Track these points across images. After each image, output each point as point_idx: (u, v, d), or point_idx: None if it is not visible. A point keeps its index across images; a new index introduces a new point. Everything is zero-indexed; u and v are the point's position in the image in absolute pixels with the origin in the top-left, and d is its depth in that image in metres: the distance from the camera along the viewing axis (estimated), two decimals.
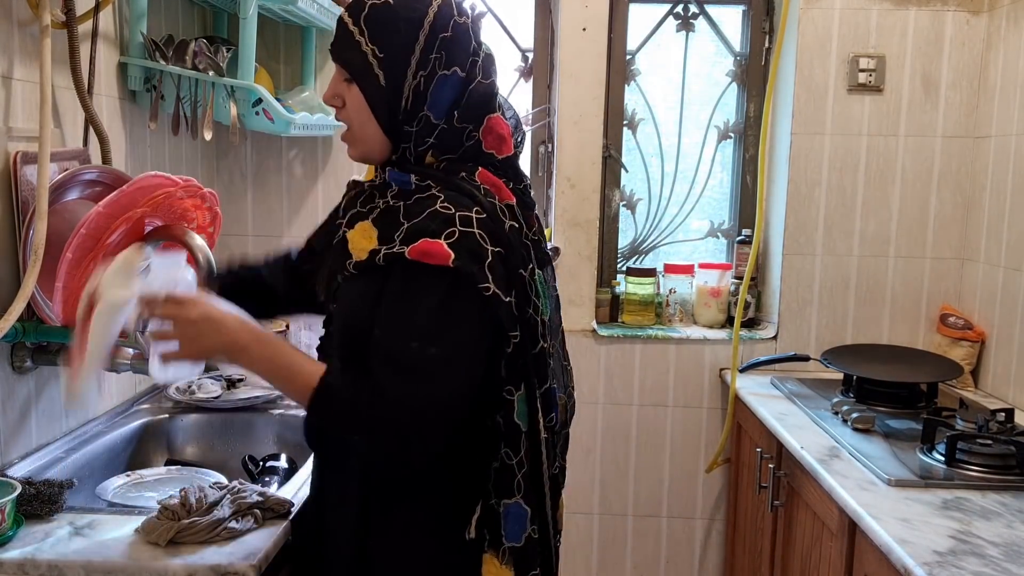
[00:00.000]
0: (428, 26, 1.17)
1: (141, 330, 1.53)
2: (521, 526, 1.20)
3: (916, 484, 1.62)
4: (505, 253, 1.14)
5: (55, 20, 1.50)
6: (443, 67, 1.18)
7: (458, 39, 1.19)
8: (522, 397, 1.18)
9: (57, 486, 1.37)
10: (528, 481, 1.20)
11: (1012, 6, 2.26)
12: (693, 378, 2.54)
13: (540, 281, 1.22)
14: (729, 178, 2.71)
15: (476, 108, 1.21)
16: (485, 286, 1.11)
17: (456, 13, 1.19)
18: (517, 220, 1.20)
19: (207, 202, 1.65)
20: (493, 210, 1.16)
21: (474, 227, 1.13)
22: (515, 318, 1.16)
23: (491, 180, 1.21)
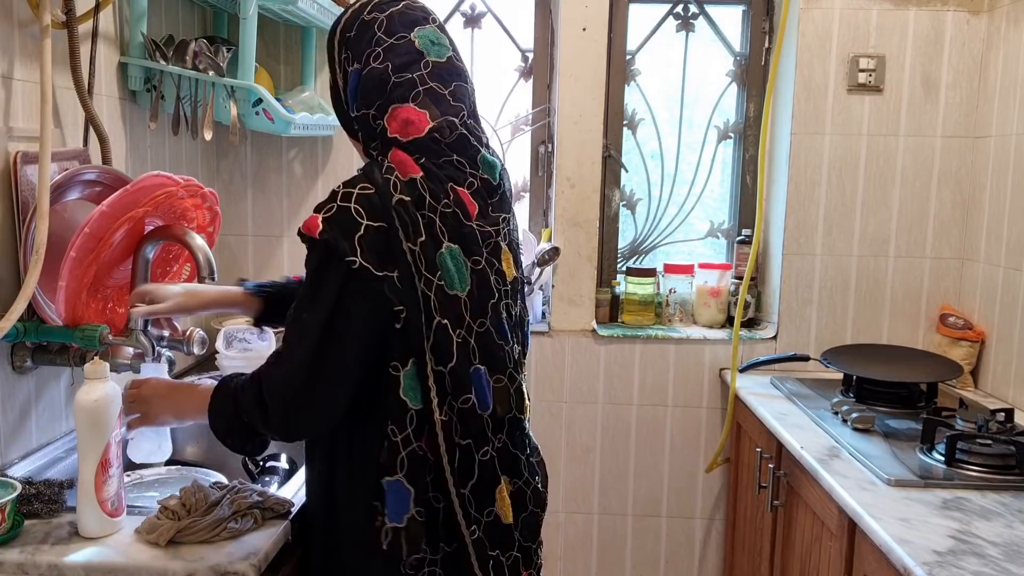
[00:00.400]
0: (339, 32, 1.30)
1: (143, 329, 1.53)
2: (403, 507, 1.20)
3: (916, 484, 1.62)
4: (386, 227, 1.16)
5: (55, 20, 1.50)
6: (350, 64, 1.28)
7: (360, 36, 1.27)
8: (410, 374, 1.19)
9: (57, 486, 1.37)
10: (413, 460, 1.19)
11: (1012, 6, 2.26)
12: (693, 378, 2.54)
13: (448, 255, 1.20)
14: (729, 178, 2.71)
15: (370, 94, 1.26)
16: (351, 259, 1.14)
17: (365, 12, 1.28)
18: (415, 193, 1.19)
19: (207, 202, 1.65)
20: (384, 184, 1.18)
21: (352, 202, 1.16)
22: (398, 291, 1.16)
23: (398, 158, 1.23)
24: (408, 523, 1.20)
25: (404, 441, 1.20)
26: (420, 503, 1.21)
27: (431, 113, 1.24)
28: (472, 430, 1.22)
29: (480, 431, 1.23)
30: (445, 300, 1.19)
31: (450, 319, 1.19)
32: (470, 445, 1.22)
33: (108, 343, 1.50)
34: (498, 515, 1.25)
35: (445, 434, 1.20)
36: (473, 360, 1.22)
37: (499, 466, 1.26)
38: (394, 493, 1.20)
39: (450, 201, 1.23)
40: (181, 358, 2.05)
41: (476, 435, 1.23)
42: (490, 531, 1.25)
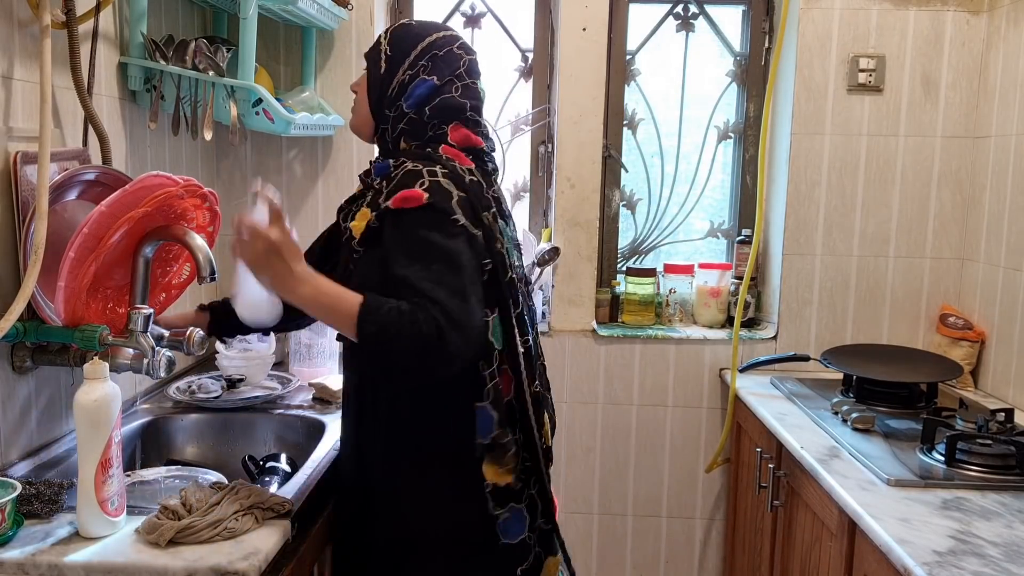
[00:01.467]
0: (428, 43, 1.49)
1: (143, 329, 1.53)
2: (488, 427, 1.40)
3: (916, 484, 1.62)
4: (468, 197, 1.37)
5: (55, 20, 1.50)
6: (426, 72, 1.47)
7: (447, 60, 1.49)
8: (496, 319, 1.40)
9: (57, 486, 1.37)
10: (496, 391, 1.40)
11: (1012, 6, 2.26)
12: (693, 378, 2.54)
13: (503, 227, 1.46)
14: (729, 178, 2.71)
15: (441, 112, 1.47)
16: (456, 217, 1.33)
17: (457, 46, 1.50)
18: (477, 177, 1.43)
19: (207, 202, 1.65)
20: (453, 169, 1.40)
21: (439, 177, 1.36)
22: (485, 248, 1.37)
23: (451, 152, 1.45)
24: (492, 441, 1.40)
25: (489, 375, 1.40)
26: (500, 425, 1.40)
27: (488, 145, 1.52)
28: (529, 367, 1.46)
29: (532, 368, 1.47)
30: (509, 261, 1.43)
31: (515, 275, 1.44)
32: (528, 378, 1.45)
33: (108, 343, 1.50)
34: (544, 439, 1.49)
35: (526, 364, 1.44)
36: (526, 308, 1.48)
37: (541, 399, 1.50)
38: (482, 417, 1.39)
39: (497, 189, 1.52)
40: (181, 358, 2.06)
41: (529, 371, 1.46)
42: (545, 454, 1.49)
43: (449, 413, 1.41)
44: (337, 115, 2.38)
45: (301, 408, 1.96)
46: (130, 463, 1.77)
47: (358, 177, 1.55)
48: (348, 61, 2.41)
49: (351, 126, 1.60)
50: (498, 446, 1.40)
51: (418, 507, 1.44)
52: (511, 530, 1.43)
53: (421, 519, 1.44)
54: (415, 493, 1.44)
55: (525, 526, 1.45)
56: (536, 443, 1.44)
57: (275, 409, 1.95)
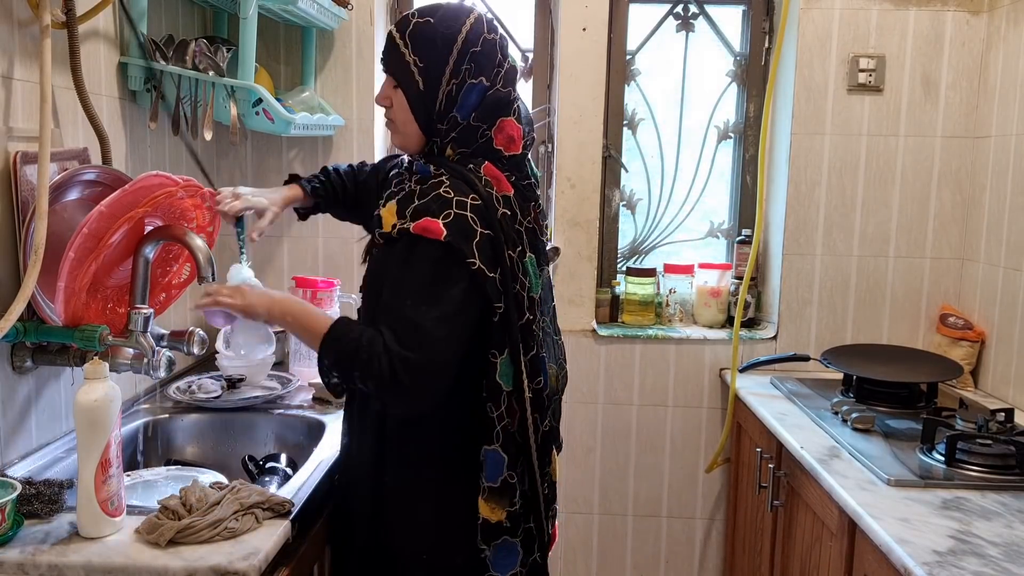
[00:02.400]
0: (461, 42, 1.38)
1: (143, 329, 1.53)
2: (498, 470, 1.38)
3: (916, 484, 1.62)
4: (493, 236, 1.33)
5: (55, 20, 1.50)
6: (472, 76, 1.38)
7: (487, 53, 1.39)
8: (505, 361, 1.37)
9: (57, 486, 1.37)
10: (506, 433, 1.38)
11: (1012, 6, 2.26)
12: (693, 378, 2.54)
13: (531, 263, 1.41)
14: (729, 178, 2.71)
15: (492, 110, 1.40)
16: (471, 260, 1.30)
17: (487, 31, 1.40)
18: (511, 209, 1.38)
19: (207, 202, 1.65)
20: (489, 198, 1.35)
21: (467, 211, 1.32)
22: (500, 291, 1.34)
23: (493, 173, 1.39)
24: (501, 484, 1.38)
25: (499, 417, 1.37)
26: (511, 468, 1.39)
27: (523, 130, 1.44)
28: (539, 406, 1.42)
29: (543, 407, 1.43)
30: (529, 300, 1.39)
31: (532, 316, 1.40)
32: (537, 418, 1.42)
33: (108, 343, 1.50)
34: (551, 475, 1.49)
35: (532, 409, 1.40)
36: (541, 349, 1.43)
37: (551, 435, 1.48)
38: (492, 460, 1.38)
39: (532, 218, 1.45)
40: (181, 358, 2.06)
41: (541, 411, 1.43)
42: (550, 490, 1.49)
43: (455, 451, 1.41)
44: (337, 115, 2.38)
45: (301, 408, 1.96)
46: (130, 463, 1.77)
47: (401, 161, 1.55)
48: (348, 61, 2.41)
49: (396, 144, 1.50)
50: (506, 487, 1.39)
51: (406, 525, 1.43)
52: (500, 564, 1.41)
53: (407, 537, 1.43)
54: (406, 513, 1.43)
55: (517, 560, 1.43)
56: (536, 481, 1.42)
57: (275, 409, 1.95)
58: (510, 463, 1.38)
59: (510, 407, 1.38)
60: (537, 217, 1.48)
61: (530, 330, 1.39)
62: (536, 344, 1.40)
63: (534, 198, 1.48)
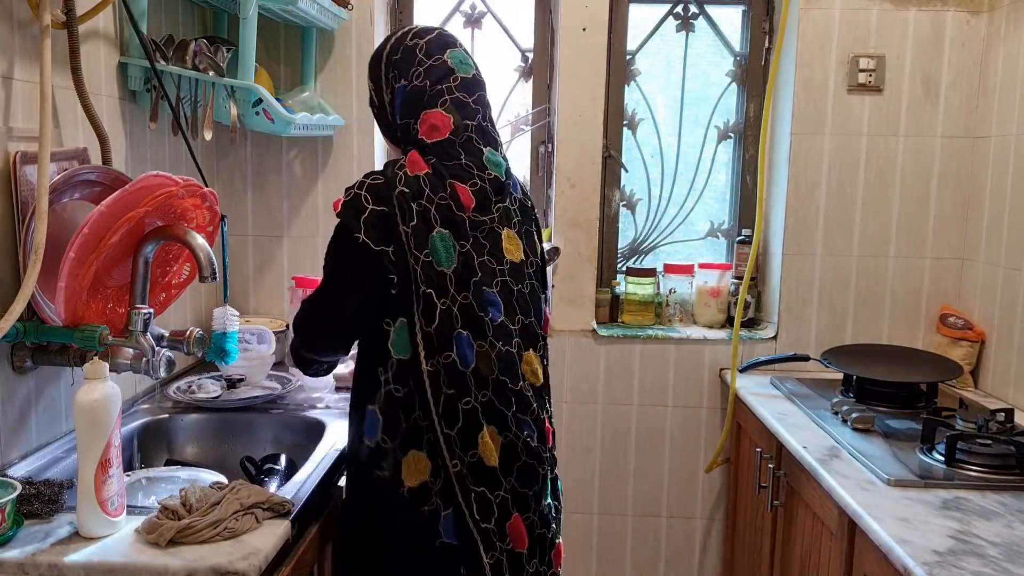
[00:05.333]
0: (385, 55, 1.56)
1: (143, 329, 1.53)
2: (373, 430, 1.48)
3: (916, 484, 1.62)
4: (387, 211, 1.42)
5: (55, 20, 1.50)
6: (396, 81, 1.54)
7: (405, 57, 1.54)
8: (397, 330, 1.44)
9: (57, 486, 1.37)
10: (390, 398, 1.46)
11: (1012, 6, 2.26)
12: (693, 378, 2.54)
13: (439, 238, 1.45)
14: (729, 178, 2.71)
15: (411, 105, 1.53)
16: (356, 235, 1.41)
17: (408, 39, 1.55)
18: (415, 188, 1.45)
19: (207, 202, 1.65)
20: (392, 179, 1.45)
21: (364, 190, 1.44)
22: (392, 263, 1.42)
23: (412, 157, 1.49)
24: (376, 444, 1.47)
25: (385, 381, 1.46)
26: (386, 431, 1.46)
27: (455, 119, 1.51)
28: (455, 382, 1.43)
29: (462, 384, 1.44)
30: (432, 274, 1.43)
31: (435, 289, 1.43)
32: (454, 394, 1.43)
33: (108, 343, 1.50)
34: (481, 457, 1.45)
35: (431, 382, 1.43)
36: (455, 325, 1.44)
37: (482, 416, 1.45)
38: (370, 418, 1.48)
39: (446, 195, 1.47)
40: (181, 358, 2.06)
41: (459, 387, 1.44)
42: (473, 470, 1.44)
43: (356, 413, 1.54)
44: (337, 115, 2.38)
45: (301, 408, 1.96)
46: (129, 463, 1.77)
47: None
48: (348, 61, 2.41)
49: None
50: (380, 450, 1.47)
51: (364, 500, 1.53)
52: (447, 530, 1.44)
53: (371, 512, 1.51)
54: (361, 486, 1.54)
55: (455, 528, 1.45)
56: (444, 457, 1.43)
57: (275, 409, 1.95)
58: (385, 426, 1.46)
59: (399, 375, 1.45)
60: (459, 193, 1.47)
61: (433, 303, 1.42)
62: (444, 318, 1.43)
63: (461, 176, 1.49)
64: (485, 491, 1.44)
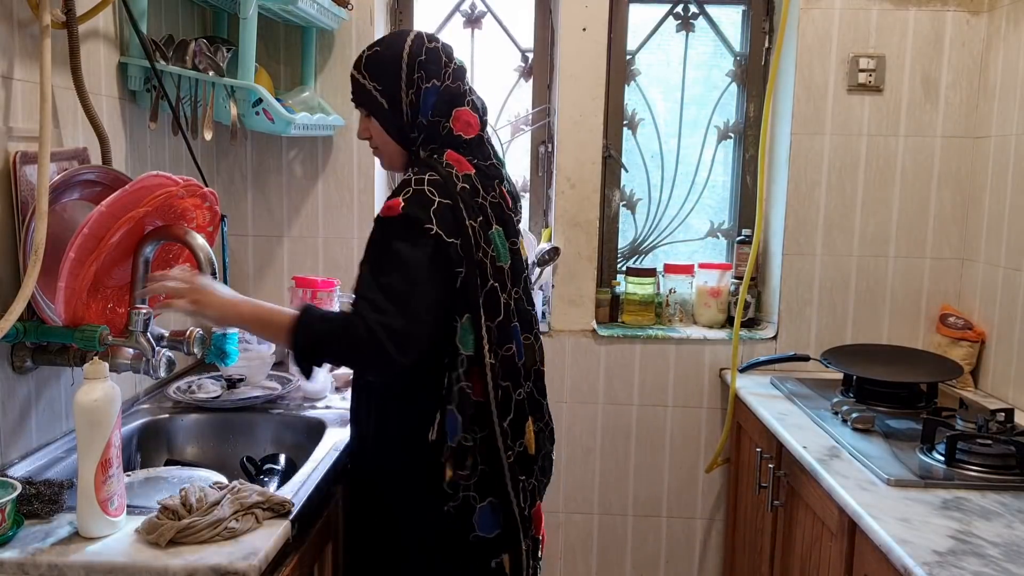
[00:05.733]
0: (407, 55, 1.53)
1: (143, 330, 1.53)
2: (455, 430, 1.44)
3: (916, 484, 1.62)
4: (453, 205, 1.43)
5: (55, 20, 1.50)
6: (425, 81, 1.53)
7: (432, 59, 1.54)
8: (466, 325, 1.44)
9: (57, 486, 1.37)
10: (462, 395, 1.44)
11: (1012, 6, 2.26)
12: (693, 378, 2.54)
13: (497, 235, 1.51)
14: (729, 178, 2.71)
15: (447, 104, 1.54)
16: (429, 227, 1.40)
17: (427, 41, 1.55)
18: (471, 185, 1.49)
19: (207, 201, 1.65)
20: (448, 175, 1.46)
21: (425, 186, 1.43)
22: (460, 256, 1.42)
23: (454, 157, 1.51)
24: (458, 444, 1.44)
25: (456, 379, 1.44)
26: (466, 430, 1.44)
27: (478, 118, 1.57)
28: (511, 374, 1.49)
29: (516, 376, 1.50)
30: (495, 269, 1.48)
31: (499, 284, 1.48)
32: (509, 387, 1.48)
33: (108, 344, 1.50)
34: (526, 446, 1.52)
35: (492, 375, 1.46)
36: (513, 319, 1.50)
37: (527, 406, 1.53)
38: (451, 421, 1.44)
39: (496, 194, 1.54)
40: (181, 358, 2.06)
41: (513, 379, 1.49)
42: (520, 459, 1.51)
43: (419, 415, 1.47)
44: (337, 115, 2.38)
45: (301, 408, 1.96)
46: (130, 463, 1.77)
47: None
48: (348, 61, 2.41)
49: (385, 168, 1.65)
50: (462, 449, 1.45)
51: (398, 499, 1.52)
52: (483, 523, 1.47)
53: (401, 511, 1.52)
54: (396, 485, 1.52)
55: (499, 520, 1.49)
56: (499, 449, 1.46)
57: (275, 409, 1.95)
58: (465, 425, 1.44)
59: (469, 371, 1.44)
60: (504, 194, 1.58)
61: (497, 297, 1.47)
62: (506, 312, 1.48)
63: (498, 175, 1.58)
64: (524, 479, 1.52)
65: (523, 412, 1.52)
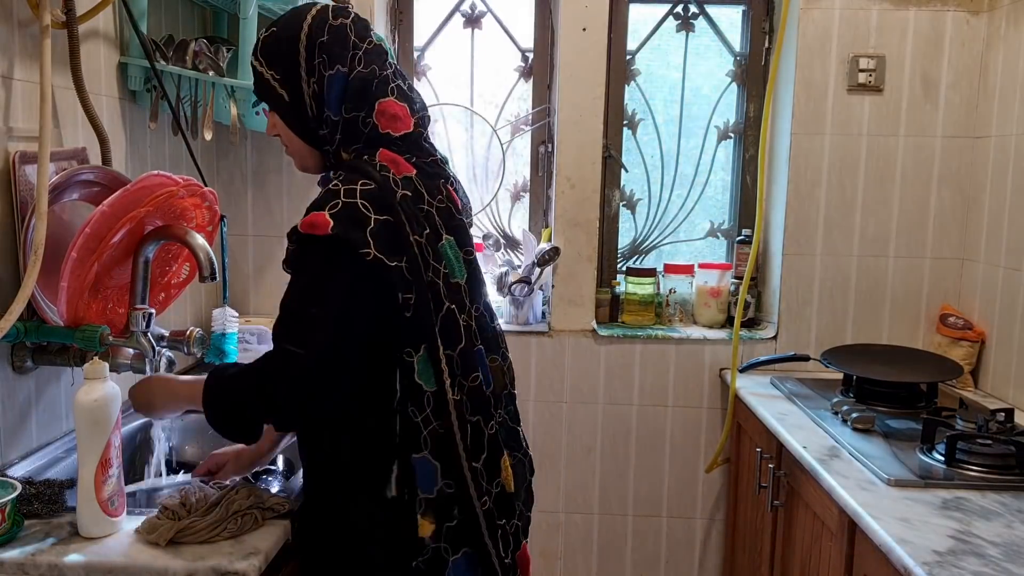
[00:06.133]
0: (305, 37, 1.30)
1: (144, 329, 1.53)
2: (432, 480, 1.25)
3: (916, 484, 1.62)
4: (393, 220, 1.22)
5: (55, 20, 1.50)
6: (328, 68, 1.29)
7: (337, 39, 1.30)
8: (422, 358, 1.24)
9: (57, 486, 1.37)
10: (435, 438, 1.24)
11: (1012, 6, 2.26)
12: (693, 378, 2.54)
13: (448, 246, 1.30)
14: (729, 178, 2.71)
15: (360, 95, 1.30)
16: (365, 251, 1.18)
17: (332, 17, 1.31)
18: (413, 190, 1.28)
19: (207, 201, 1.65)
20: (384, 182, 1.24)
21: (357, 197, 1.21)
22: (407, 281, 1.22)
23: (389, 157, 1.29)
24: (437, 495, 1.25)
25: (424, 421, 1.24)
26: (446, 476, 1.25)
27: (409, 107, 1.34)
28: (480, 407, 1.29)
29: (486, 407, 1.30)
30: (449, 288, 1.27)
31: (456, 305, 1.28)
32: (479, 421, 1.29)
33: (108, 344, 1.50)
34: (503, 485, 1.32)
35: (457, 413, 1.25)
36: (476, 342, 1.31)
37: (501, 439, 1.33)
38: (423, 468, 1.24)
39: (443, 197, 1.33)
40: (181, 358, 2.05)
41: (484, 411, 1.30)
42: (498, 502, 1.31)
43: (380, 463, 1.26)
44: None
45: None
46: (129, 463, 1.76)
47: None
48: None
49: (299, 168, 1.41)
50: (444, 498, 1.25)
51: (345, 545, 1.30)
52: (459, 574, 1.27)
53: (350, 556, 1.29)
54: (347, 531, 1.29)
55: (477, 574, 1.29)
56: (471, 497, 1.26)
57: None
58: (444, 471, 1.25)
59: (437, 409, 1.24)
60: (452, 194, 1.36)
61: (455, 320, 1.27)
62: (467, 335, 1.28)
63: (442, 174, 1.36)
64: (505, 522, 1.32)
65: (497, 447, 1.31)
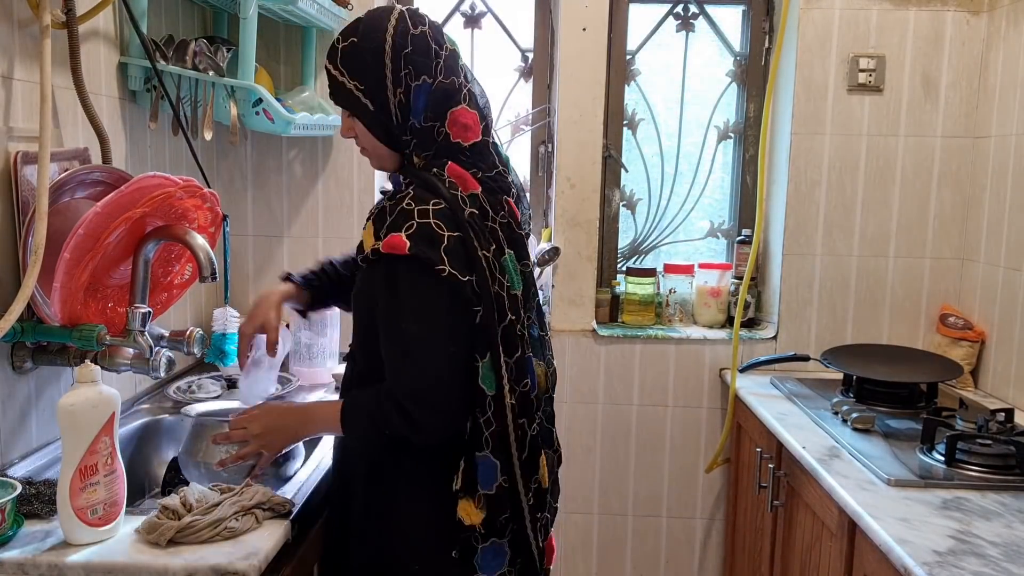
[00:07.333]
0: (390, 49, 1.34)
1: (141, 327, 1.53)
2: (492, 476, 1.34)
3: (916, 484, 1.62)
4: (463, 237, 1.30)
5: (55, 20, 1.50)
6: (414, 79, 1.34)
7: (419, 50, 1.35)
8: (487, 364, 1.32)
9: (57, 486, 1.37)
10: (496, 438, 1.34)
11: (1012, 6, 2.26)
12: (693, 378, 2.54)
13: (510, 260, 1.37)
14: (729, 178, 2.71)
15: (439, 105, 1.36)
16: (440, 268, 1.27)
17: (412, 26, 1.35)
18: (480, 207, 1.35)
19: (207, 202, 1.65)
20: (454, 200, 1.31)
21: (430, 217, 1.29)
22: (477, 294, 1.30)
23: (457, 172, 1.35)
24: (496, 490, 1.34)
25: (486, 423, 1.33)
26: (505, 471, 1.35)
27: (478, 114, 1.39)
28: (526, 409, 1.37)
29: (530, 410, 1.38)
30: (510, 300, 1.35)
31: (515, 316, 1.35)
32: (524, 423, 1.37)
33: (106, 343, 1.50)
34: (540, 481, 1.41)
35: (513, 416, 1.35)
36: (527, 350, 1.38)
37: (540, 439, 1.42)
38: (484, 466, 1.33)
39: (505, 212, 1.40)
40: (181, 358, 2.06)
41: (528, 414, 1.38)
42: (537, 496, 1.41)
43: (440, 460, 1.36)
44: (337, 115, 2.38)
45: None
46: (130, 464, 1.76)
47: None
48: None
49: (375, 167, 1.48)
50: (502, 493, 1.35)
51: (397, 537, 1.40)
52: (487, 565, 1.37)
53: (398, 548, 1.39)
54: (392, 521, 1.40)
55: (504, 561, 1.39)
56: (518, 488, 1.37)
57: None
58: (503, 468, 1.35)
59: (496, 411, 1.34)
60: (513, 208, 1.42)
61: (514, 331, 1.34)
62: (522, 345, 1.36)
63: (505, 187, 1.41)
64: (540, 515, 1.43)
65: (536, 446, 1.40)
